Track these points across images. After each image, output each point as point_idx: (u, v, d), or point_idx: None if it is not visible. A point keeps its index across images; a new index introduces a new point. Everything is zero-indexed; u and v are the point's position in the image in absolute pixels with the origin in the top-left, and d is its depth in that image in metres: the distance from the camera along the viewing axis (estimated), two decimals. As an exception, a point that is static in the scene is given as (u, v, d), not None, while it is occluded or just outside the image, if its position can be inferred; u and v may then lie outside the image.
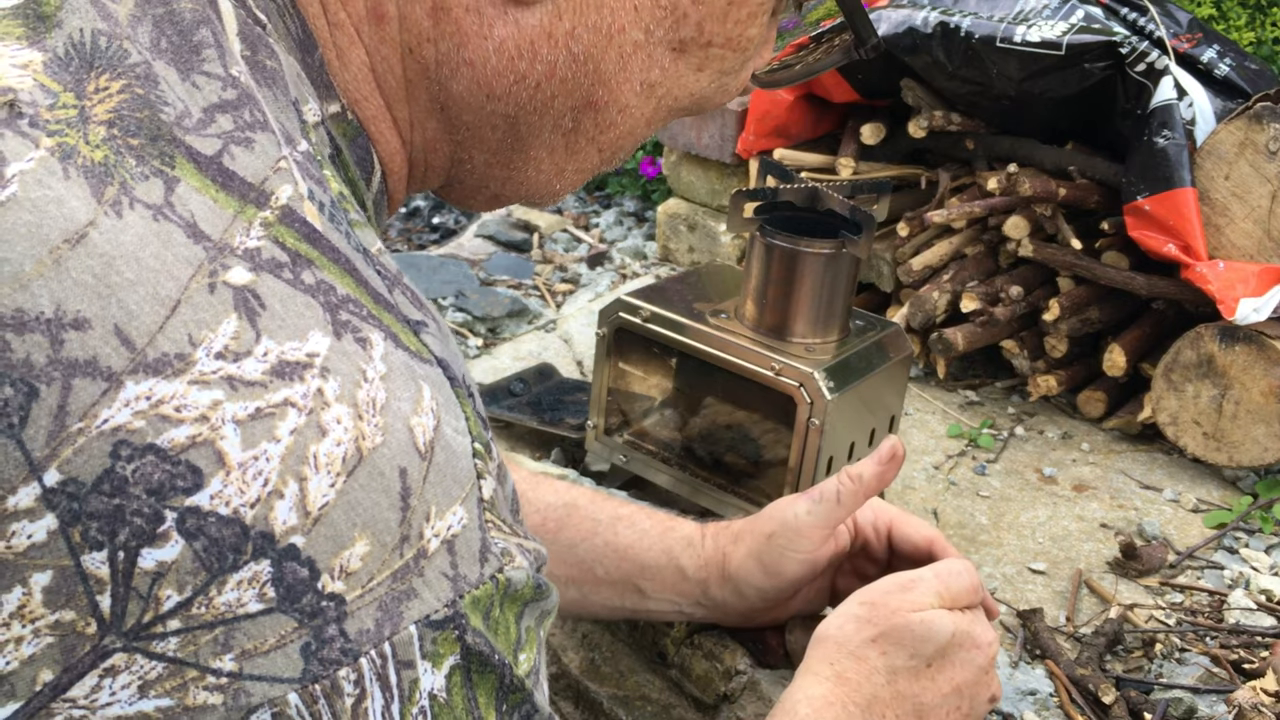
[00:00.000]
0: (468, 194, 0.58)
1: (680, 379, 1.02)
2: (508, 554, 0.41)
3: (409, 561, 0.38)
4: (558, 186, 0.57)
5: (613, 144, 0.56)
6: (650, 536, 0.83)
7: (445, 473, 0.39)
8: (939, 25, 1.31)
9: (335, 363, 0.37)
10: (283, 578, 0.36)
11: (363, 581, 0.37)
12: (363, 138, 0.49)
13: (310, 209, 0.40)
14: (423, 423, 0.39)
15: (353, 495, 0.37)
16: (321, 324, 0.38)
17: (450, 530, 0.39)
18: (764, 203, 0.98)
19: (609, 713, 0.96)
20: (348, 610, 0.37)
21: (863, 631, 0.70)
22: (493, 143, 0.53)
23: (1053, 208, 1.29)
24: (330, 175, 0.43)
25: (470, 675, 0.40)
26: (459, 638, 0.39)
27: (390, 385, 0.38)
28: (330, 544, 0.36)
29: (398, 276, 0.43)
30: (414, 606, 0.38)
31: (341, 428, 0.37)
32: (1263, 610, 1.00)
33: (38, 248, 0.35)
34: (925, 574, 0.74)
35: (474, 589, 0.39)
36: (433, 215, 1.96)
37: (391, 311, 0.41)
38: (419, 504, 0.38)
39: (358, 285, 0.40)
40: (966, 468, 1.22)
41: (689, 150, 1.63)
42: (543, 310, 1.59)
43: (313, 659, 0.36)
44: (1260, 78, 1.35)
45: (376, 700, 0.37)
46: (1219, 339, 1.19)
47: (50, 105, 0.37)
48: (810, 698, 0.67)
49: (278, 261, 0.38)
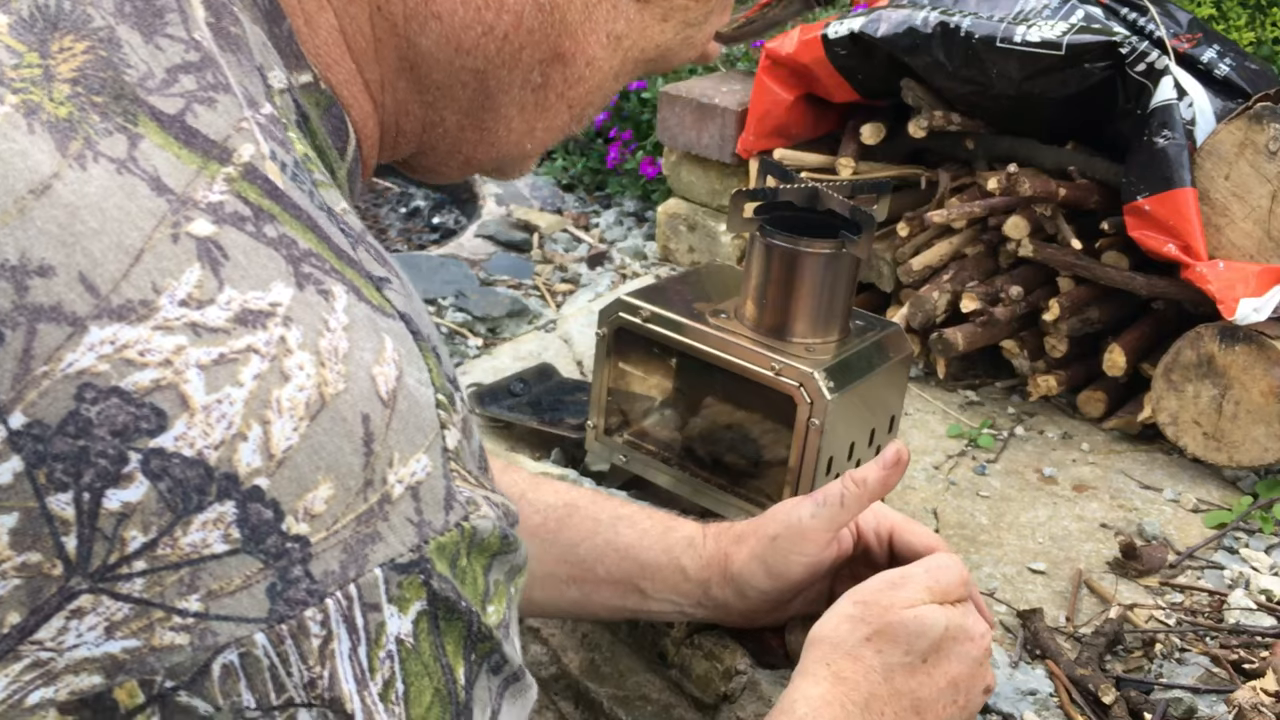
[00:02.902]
0: (440, 161, 0.57)
1: (680, 379, 1.02)
2: (473, 503, 0.41)
3: (373, 506, 0.38)
4: (529, 147, 0.57)
5: (582, 99, 0.56)
6: (651, 536, 0.82)
7: (408, 420, 0.39)
8: (939, 25, 1.31)
9: (298, 312, 0.38)
10: (247, 519, 0.36)
11: (327, 524, 0.37)
12: (336, 107, 0.50)
13: (272, 167, 0.40)
14: (385, 372, 0.39)
15: (316, 439, 0.37)
16: (284, 275, 0.38)
17: (414, 477, 0.39)
18: (764, 203, 0.97)
19: (609, 713, 0.96)
20: (313, 552, 0.37)
21: (857, 631, 0.70)
22: (463, 101, 0.53)
23: (1053, 208, 1.29)
24: (295, 138, 0.43)
25: (437, 622, 0.40)
26: (425, 583, 0.39)
27: (353, 335, 0.39)
28: (294, 486, 0.37)
29: (362, 235, 0.44)
30: (379, 549, 0.38)
31: (304, 374, 0.37)
32: (1263, 610, 1.00)
33: (2, 198, 0.35)
34: (915, 570, 0.74)
35: (439, 535, 0.40)
36: (433, 215, 1.96)
37: (354, 267, 0.41)
38: (382, 450, 0.38)
39: (320, 241, 0.40)
40: (966, 468, 1.22)
41: (689, 150, 1.63)
42: (543, 310, 1.59)
43: (279, 600, 0.36)
44: (1260, 78, 1.35)
45: (344, 642, 0.38)
46: (1219, 339, 1.19)
47: (15, 65, 0.37)
48: (808, 697, 0.67)
49: (240, 215, 0.38)
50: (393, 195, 2.04)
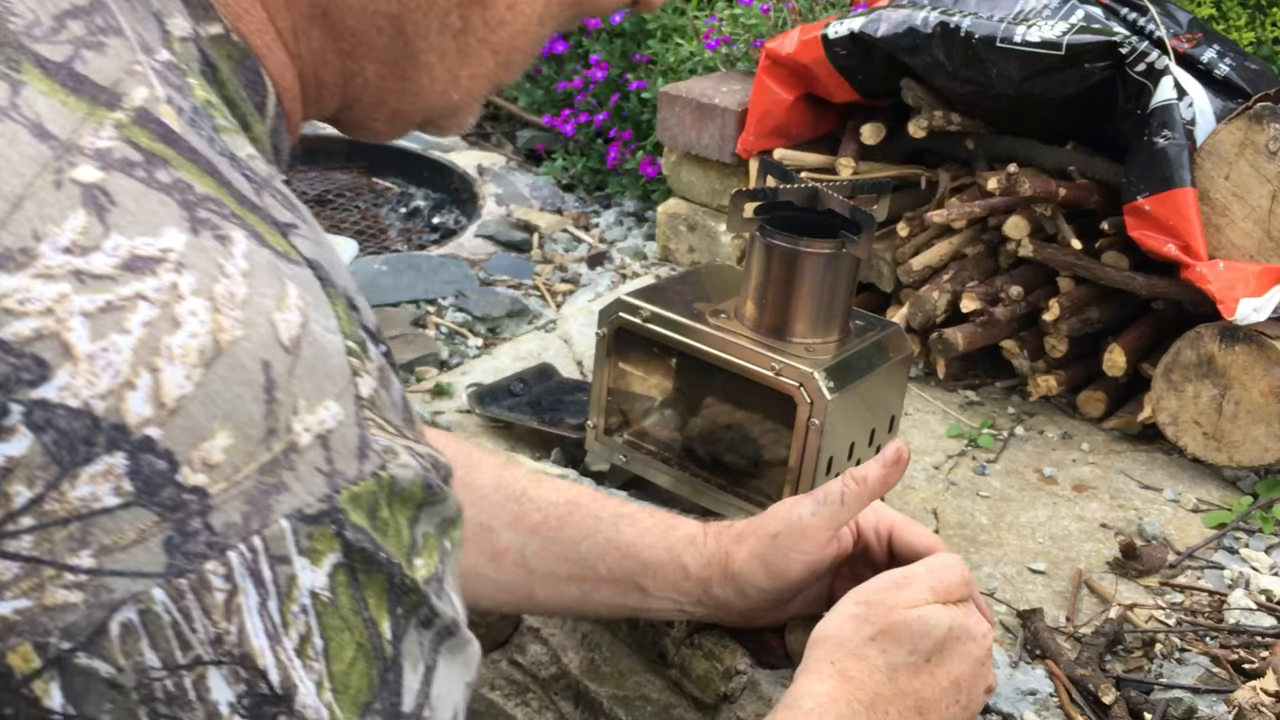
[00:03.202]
0: (367, 115, 0.56)
1: (680, 379, 1.02)
2: (391, 451, 0.40)
3: (278, 455, 0.37)
4: (455, 97, 0.55)
5: (506, 44, 0.54)
6: (653, 534, 0.82)
7: (314, 368, 0.38)
8: (939, 25, 1.31)
9: (191, 258, 0.36)
10: (139, 470, 0.35)
11: (227, 474, 0.36)
12: (250, 59, 0.48)
13: (167, 111, 0.39)
14: (287, 319, 0.38)
15: (211, 387, 0.36)
16: (177, 220, 0.37)
17: (323, 425, 0.38)
18: (764, 203, 0.97)
19: (609, 712, 0.96)
20: (212, 503, 0.36)
21: (861, 630, 0.70)
22: (380, 49, 0.52)
23: (1053, 208, 1.29)
24: (196, 85, 0.42)
25: (355, 574, 0.39)
26: (337, 533, 0.38)
27: (252, 282, 0.37)
28: (189, 435, 0.35)
29: (268, 180, 0.42)
30: (285, 500, 0.37)
31: (197, 320, 0.36)
32: (1263, 610, 1.00)
33: None
34: (918, 570, 0.74)
35: (352, 485, 0.38)
36: (433, 215, 1.96)
37: (257, 213, 0.40)
38: (285, 397, 0.37)
39: (219, 185, 0.39)
40: (966, 468, 1.22)
41: (689, 150, 1.63)
42: (543, 310, 1.59)
43: (176, 553, 0.35)
44: (1260, 78, 1.35)
45: (251, 596, 0.36)
46: (1219, 339, 1.19)
47: None
48: (814, 694, 0.67)
49: (130, 161, 0.37)
50: (393, 195, 2.04)
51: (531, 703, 1.05)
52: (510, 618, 1.05)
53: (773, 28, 1.71)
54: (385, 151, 2.13)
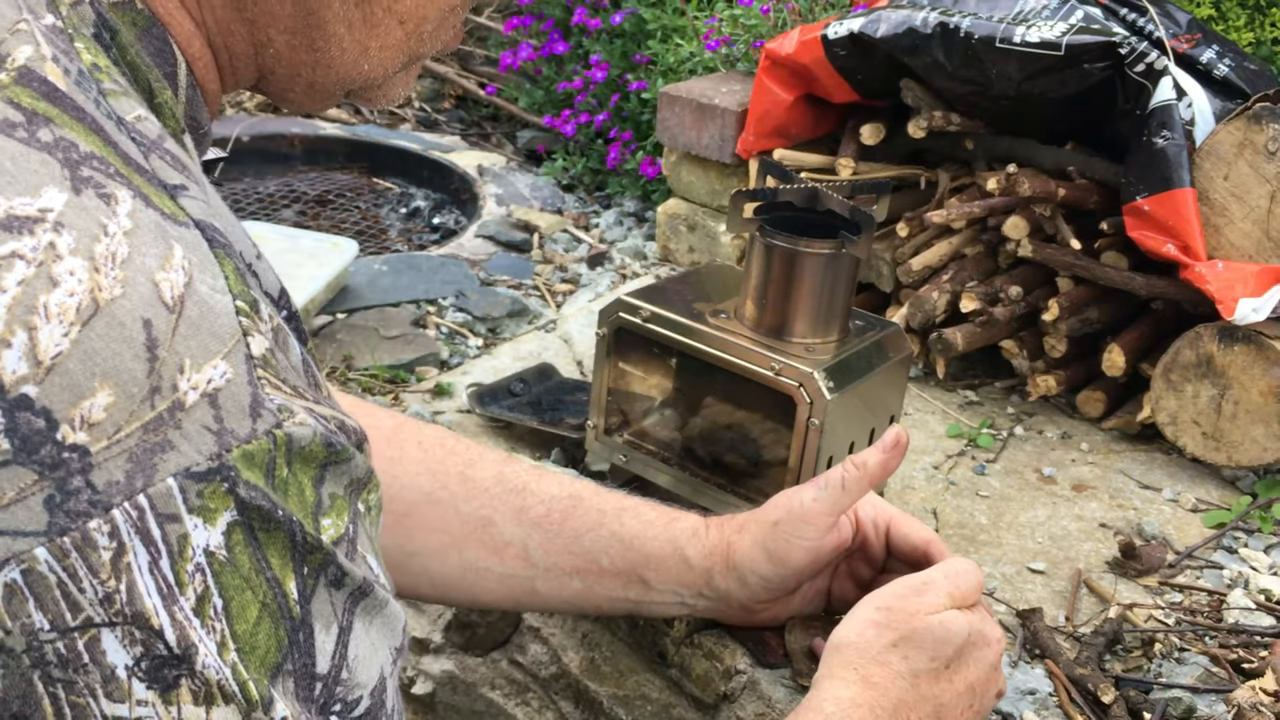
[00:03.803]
0: (284, 86, 0.56)
1: (680, 379, 1.02)
2: (286, 410, 0.40)
3: (162, 414, 0.37)
4: (366, 67, 0.55)
5: (413, 14, 0.53)
6: (655, 527, 0.83)
7: (200, 326, 0.38)
8: (938, 26, 1.31)
9: (71, 218, 0.36)
10: (16, 428, 0.35)
11: (108, 432, 0.36)
12: (157, 27, 0.48)
13: (53, 69, 0.39)
14: (170, 278, 0.37)
15: (89, 345, 0.36)
16: (58, 180, 0.37)
17: (211, 384, 0.38)
18: (764, 203, 0.98)
19: (609, 712, 0.96)
20: (93, 461, 0.35)
21: (883, 636, 0.71)
22: (284, 19, 0.51)
23: (1052, 208, 1.29)
24: (83, 48, 0.42)
25: (254, 533, 0.38)
26: (229, 491, 0.38)
27: (134, 241, 0.37)
28: (68, 394, 0.35)
29: (157, 142, 0.42)
30: (170, 459, 0.37)
31: (75, 279, 0.36)
32: (1262, 610, 1.00)
33: None
34: (935, 575, 0.74)
35: (244, 443, 0.38)
36: (433, 216, 1.96)
37: (143, 175, 0.40)
38: (169, 355, 0.37)
39: (105, 145, 0.39)
40: (966, 467, 1.22)
41: (689, 150, 1.63)
42: (543, 310, 1.59)
43: (58, 511, 0.35)
44: (1259, 78, 1.35)
45: (140, 555, 0.36)
46: (1218, 339, 1.19)
47: None
48: (838, 699, 0.68)
49: (10, 122, 0.37)
50: (393, 195, 2.05)
51: (531, 702, 1.05)
52: (510, 617, 1.05)
53: (772, 28, 1.71)
54: (386, 152, 2.13)
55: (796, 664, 0.85)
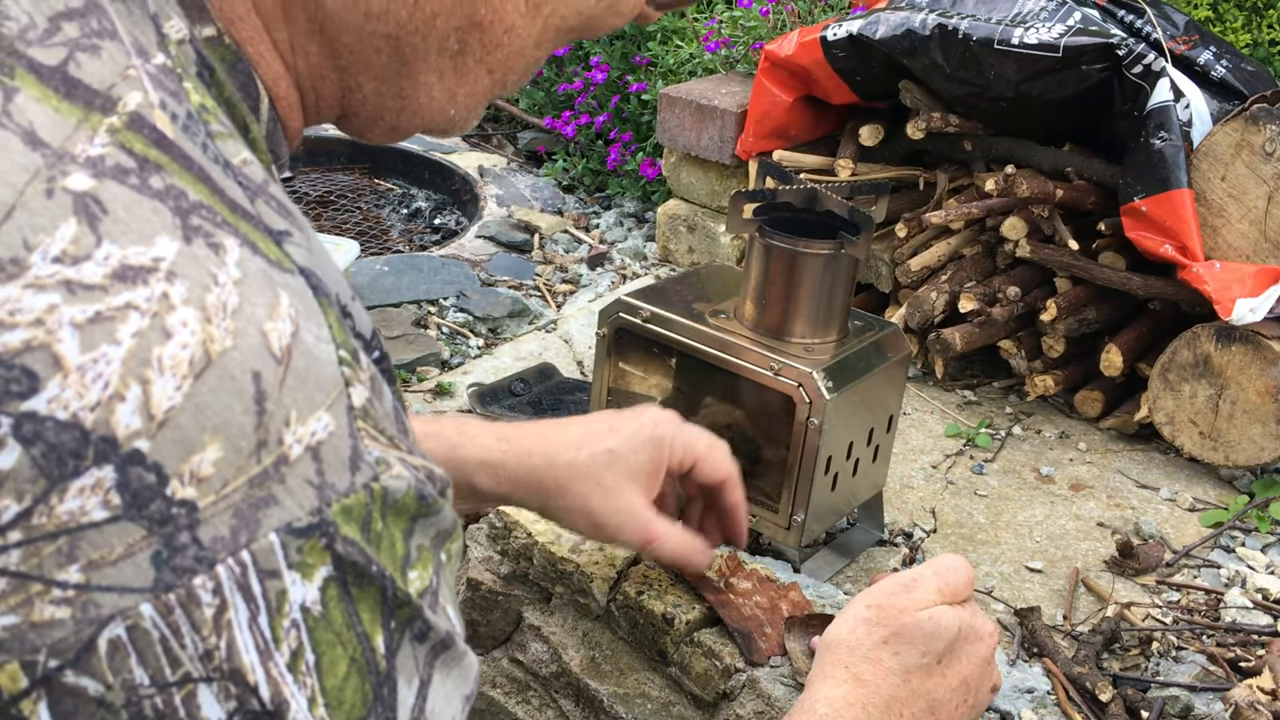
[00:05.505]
0: (365, 126, 0.56)
1: (680, 379, 1.03)
2: (384, 463, 0.39)
3: (268, 468, 0.36)
4: (452, 113, 0.55)
5: (502, 65, 0.54)
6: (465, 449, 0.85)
7: (306, 378, 0.37)
8: (937, 27, 1.32)
9: (183, 267, 0.36)
10: (128, 483, 0.34)
11: (216, 487, 0.35)
12: (243, 63, 0.48)
13: (161, 116, 0.39)
14: (278, 328, 0.37)
15: (201, 398, 0.35)
16: (170, 229, 0.36)
17: (315, 436, 0.37)
18: (763, 204, 0.98)
19: (609, 710, 0.96)
20: (200, 517, 0.35)
21: (874, 634, 0.72)
22: (378, 68, 0.51)
23: (1050, 209, 1.30)
24: (192, 88, 0.41)
25: (348, 588, 0.38)
26: (328, 546, 0.37)
27: (244, 290, 0.37)
28: (178, 448, 0.35)
29: (262, 187, 0.42)
30: (274, 514, 0.36)
31: (188, 330, 0.35)
32: (1259, 609, 1.01)
33: None
34: (925, 572, 0.75)
35: (344, 497, 0.38)
36: (434, 216, 1.97)
37: (250, 220, 0.39)
38: (276, 409, 0.37)
39: (212, 193, 0.39)
40: (964, 467, 1.23)
41: (688, 152, 1.64)
42: (543, 311, 1.59)
43: (164, 567, 0.35)
44: (1256, 79, 1.36)
45: (240, 611, 0.36)
46: (1215, 339, 1.19)
47: None
48: (830, 698, 0.68)
49: (123, 168, 0.37)
50: (394, 196, 2.05)
51: (532, 700, 1.06)
52: (511, 616, 1.05)
53: (772, 30, 1.72)
54: (387, 153, 2.14)
55: (796, 663, 0.86)
